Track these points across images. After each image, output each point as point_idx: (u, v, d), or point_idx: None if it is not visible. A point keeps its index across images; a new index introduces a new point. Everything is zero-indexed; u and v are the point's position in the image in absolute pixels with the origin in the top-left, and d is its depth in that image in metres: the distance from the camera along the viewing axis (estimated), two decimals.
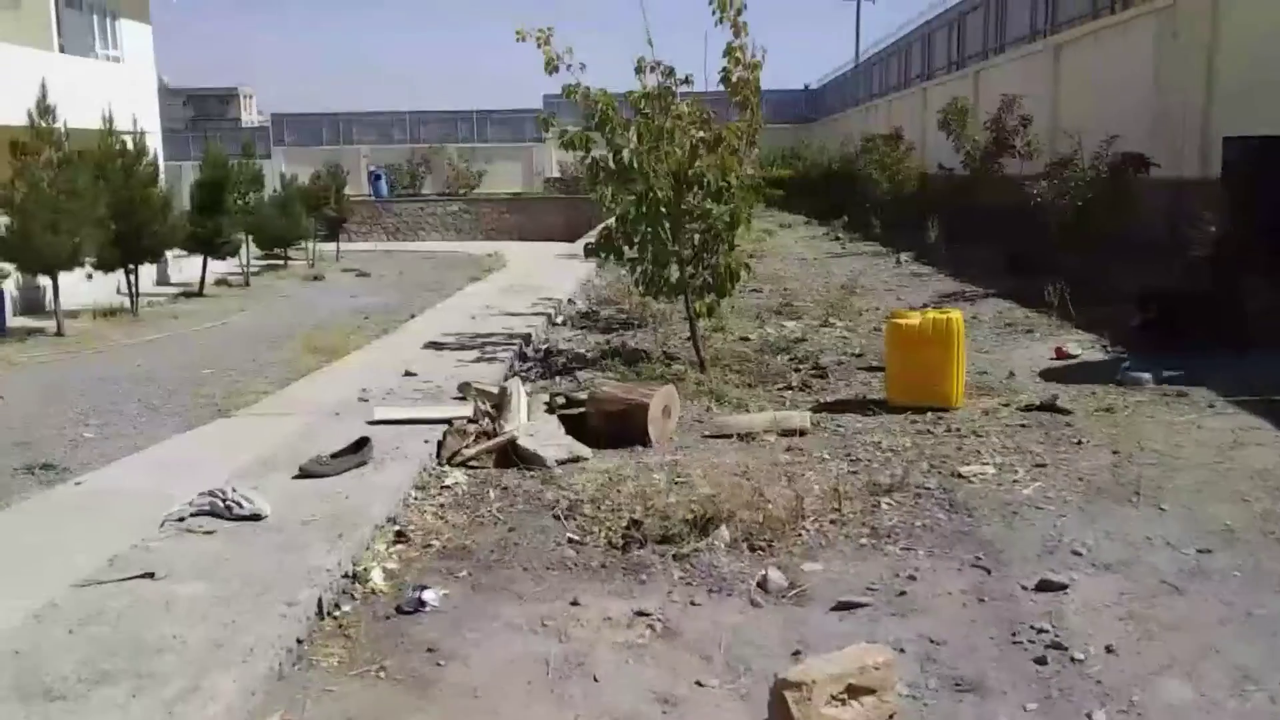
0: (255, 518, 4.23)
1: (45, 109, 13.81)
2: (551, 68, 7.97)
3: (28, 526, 4.51)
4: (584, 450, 5.50)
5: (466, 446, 5.50)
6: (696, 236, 7.88)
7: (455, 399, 6.53)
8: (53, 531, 4.36)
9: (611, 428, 5.85)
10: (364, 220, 36.35)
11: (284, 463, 5.10)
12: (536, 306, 11.08)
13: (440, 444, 5.55)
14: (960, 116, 16.63)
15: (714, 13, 8.01)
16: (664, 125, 7.72)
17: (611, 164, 7.62)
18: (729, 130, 7.86)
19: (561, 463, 5.36)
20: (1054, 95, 19.92)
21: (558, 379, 7.73)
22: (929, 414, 6.22)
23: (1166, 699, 3.04)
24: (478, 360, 7.90)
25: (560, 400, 6.12)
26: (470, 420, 5.94)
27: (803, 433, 5.93)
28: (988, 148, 15.80)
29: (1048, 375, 7.27)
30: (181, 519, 4.23)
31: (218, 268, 20.14)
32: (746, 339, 9.01)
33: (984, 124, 15.97)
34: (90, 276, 14.67)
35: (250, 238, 21.53)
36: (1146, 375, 6.81)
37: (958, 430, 5.83)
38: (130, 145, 16.26)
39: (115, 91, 19.21)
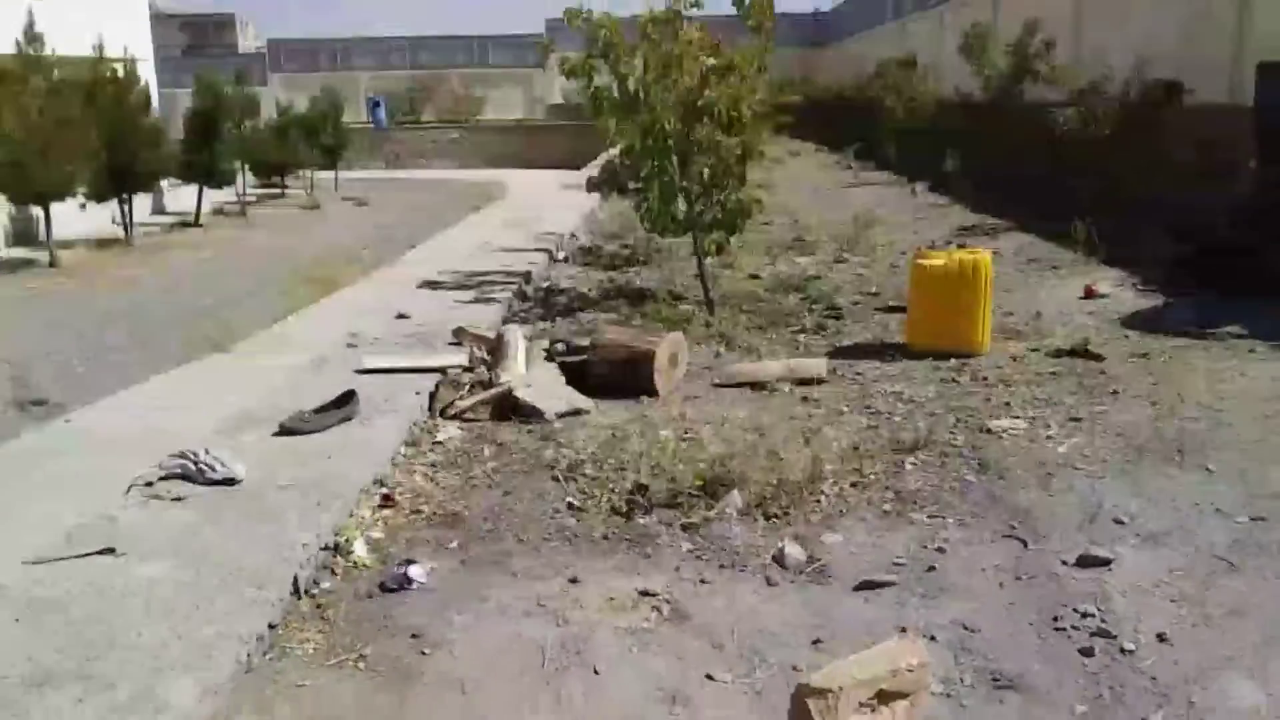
0: (229, 482, 3.91)
1: (33, 36, 13.39)
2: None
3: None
4: (585, 402, 5.16)
5: (461, 398, 5.17)
6: (705, 171, 7.43)
7: (450, 344, 6.18)
8: (19, 485, 4.06)
9: (615, 377, 5.50)
10: (363, 148, 35.45)
11: (265, 416, 4.76)
12: (538, 242, 10.66)
13: (433, 395, 5.22)
14: (981, 42, 15.92)
15: None
16: (672, 51, 7.24)
17: (616, 93, 7.15)
18: (741, 56, 7.38)
19: (561, 416, 5.02)
20: (1077, 14, 19.16)
21: (559, 321, 7.36)
22: (953, 360, 5.85)
23: (1232, 701, 2.72)
24: (474, 301, 7.53)
25: (560, 347, 5.76)
26: (465, 369, 5.60)
27: (819, 381, 5.58)
28: (1010, 73, 15.14)
29: (1077, 315, 6.88)
30: (150, 484, 3.91)
31: (214, 197, 19.70)
32: (757, 276, 8.61)
33: (1005, 48, 15.28)
34: (84, 206, 14.35)
35: (246, 166, 21.14)
36: (1184, 317, 6.42)
37: (985, 379, 5.47)
38: (121, 73, 15.87)
39: (106, 18, 18.60)
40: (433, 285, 8.16)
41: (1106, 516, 3.79)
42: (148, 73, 19.63)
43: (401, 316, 6.95)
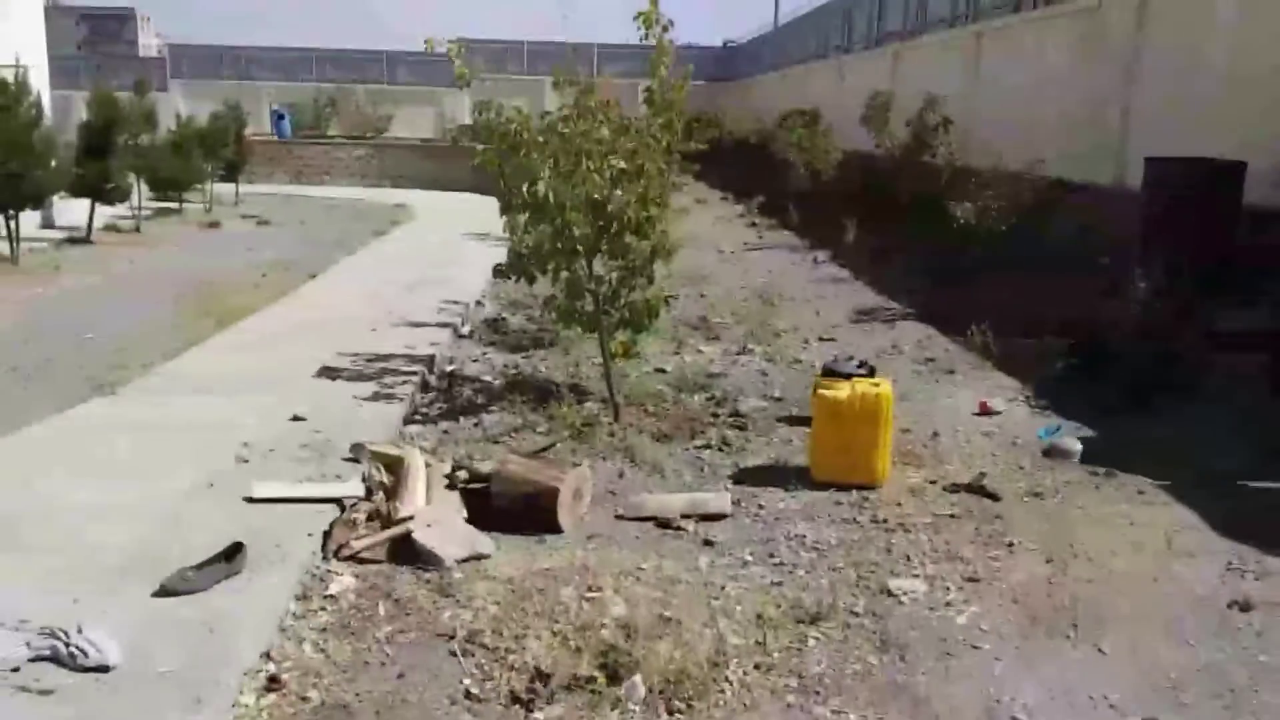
0: (102, 669, 3.67)
1: None
2: (464, 81, 7.37)
3: None
4: (486, 545, 5.03)
5: (357, 538, 4.99)
6: (615, 274, 7.39)
7: (346, 459, 5.99)
8: None
9: (518, 510, 5.39)
10: (266, 161, 34.83)
11: (143, 563, 4.51)
12: (442, 311, 10.47)
13: (326, 534, 5.02)
14: (881, 113, 16.33)
15: (639, 28, 7.51)
16: (582, 147, 7.19)
17: (525, 194, 7.05)
18: (652, 159, 7.36)
19: (461, 562, 4.88)
20: (974, 84, 19.78)
21: (462, 420, 7.22)
22: (854, 493, 5.90)
23: None
24: (375, 397, 7.32)
25: (463, 476, 5.62)
26: (364, 497, 5.42)
27: (721, 516, 5.56)
28: (908, 144, 15.55)
29: (973, 437, 7.02)
30: (16, 669, 3.65)
31: (107, 211, 19.03)
32: (663, 370, 8.59)
33: (905, 122, 15.69)
34: None
35: (142, 180, 20.39)
36: (1075, 447, 6.60)
37: (884, 522, 5.52)
38: (11, 82, 15.15)
39: None
40: (331, 374, 7.91)
41: (1005, 711, 3.83)
42: (40, 79, 18.81)
43: (298, 418, 6.71)
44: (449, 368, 8.64)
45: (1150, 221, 11.48)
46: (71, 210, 19.14)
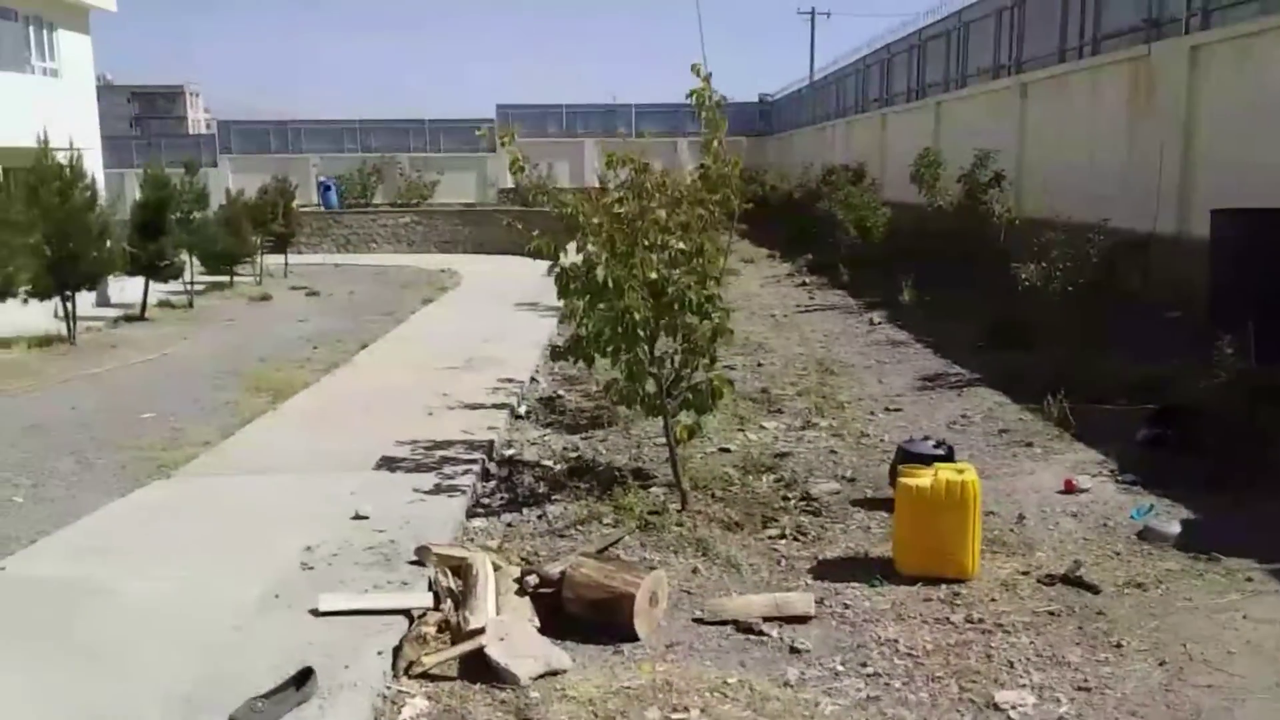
0: None
1: None
2: (517, 168, 7.29)
3: None
4: (562, 660, 4.79)
5: (428, 653, 4.78)
6: (678, 356, 7.20)
7: (412, 562, 5.79)
8: None
9: (592, 616, 5.17)
10: (314, 231, 35.51)
11: (212, 694, 4.33)
12: (497, 391, 10.33)
13: (397, 650, 4.82)
14: (932, 170, 16.13)
15: (693, 106, 7.39)
16: (640, 227, 7.05)
17: (584, 277, 6.91)
18: (710, 238, 7.21)
19: (537, 679, 4.65)
20: (1020, 134, 19.57)
21: (524, 512, 7.02)
22: (944, 588, 5.60)
23: None
24: (436, 490, 7.14)
25: (533, 580, 5.40)
26: (432, 606, 5.22)
27: (805, 618, 5.29)
28: (961, 201, 15.32)
29: (1061, 519, 6.68)
30: None
31: (160, 288, 19.36)
32: (727, 449, 8.35)
33: (958, 178, 15.47)
34: (25, 302, 13.91)
35: (194, 256, 20.69)
36: (1172, 530, 6.26)
37: (981, 622, 5.20)
38: (67, 166, 15.45)
39: (52, 106, 18.25)
40: (391, 465, 7.75)
41: None
42: (94, 160, 19.25)
43: (359, 518, 6.54)
44: (508, 452, 8.47)
45: (1221, 276, 11.14)
46: (126, 288, 19.46)
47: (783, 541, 6.42)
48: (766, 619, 5.25)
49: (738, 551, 6.22)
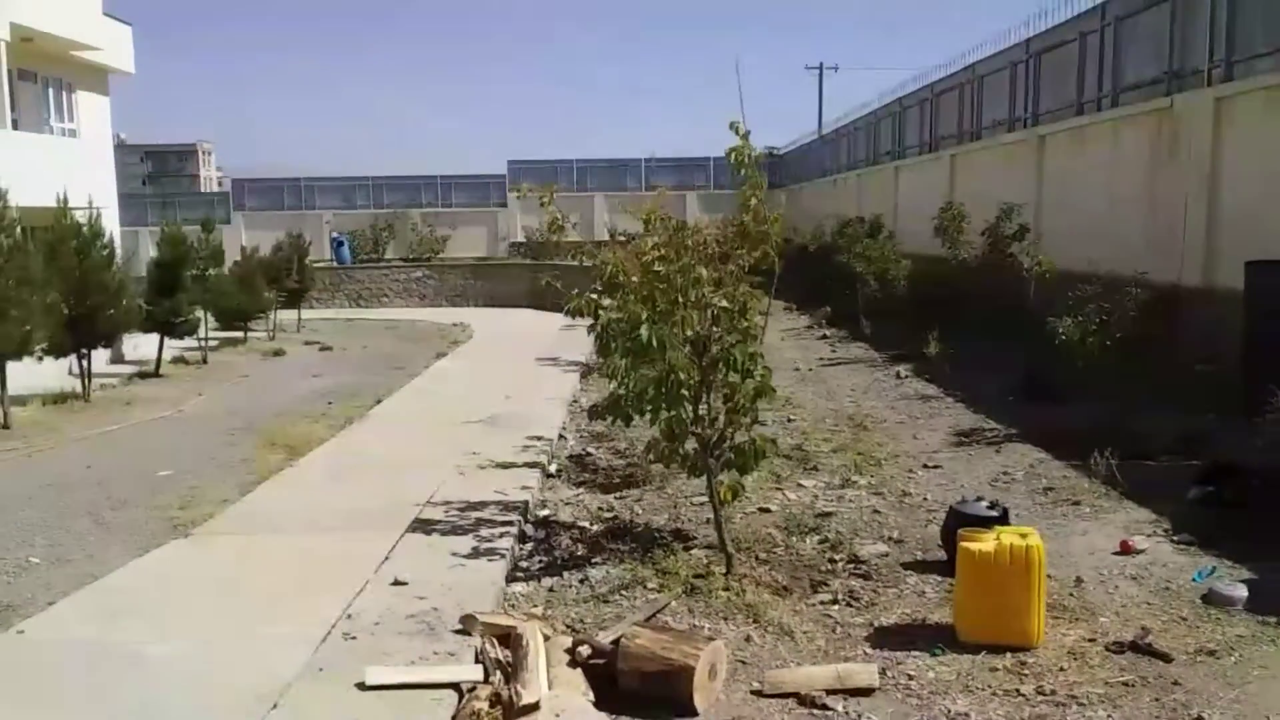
0: None
1: None
2: (556, 227, 7.22)
3: None
4: None
5: None
6: (721, 416, 7.06)
7: (457, 630, 5.62)
8: None
9: (648, 689, 4.98)
10: (326, 287, 35.74)
11: None
12: (527, 449, 10.18)
13: None
14: (956, 223, 16.08)
15: (730, 163, 7.34)
16: (681, 284, 6.96)
17: (626, 335, 6.80)
18: (752, 296, 7.12)
19: None
20: (1038, 187, 19.51)
21: (565, 575, 6.84)
22: (1008, 655, 5.40)
23: None
24: (474, 554, 6.97)
25: (585, 652, 5.21)
26: (482, 680, 5.03)
27: (869, 690, 5.09)
28: (985, 254, 15.24)
29: (1120, 582, 6.48)
30: None
31: (175, 344, 19.42)
32: (767, 509, 8.18)
33: (981, 231, 15.41)
34: (40, 360, 13.89)
35: (209, 312, 20.76)
36: (1238, 593, 6.05)
37: (1053, 694, 5.00)
38: (85, 225, 15.54)
39: (71, 167, 18.38)
40: (426, 528, 7.58)
41: None
42: (111, 219, 19.37)
43: (398, 583, 6.37)
44: (543, 513, 8.31)
45: (1256, 328, 11.01)
46: (140, 345, 19.45)
47: (835, 607, 6.22)
48: (829, 691, 5.05)
49: (790, 618, 6.03)
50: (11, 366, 13.11)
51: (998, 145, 22.75)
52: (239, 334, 23.66)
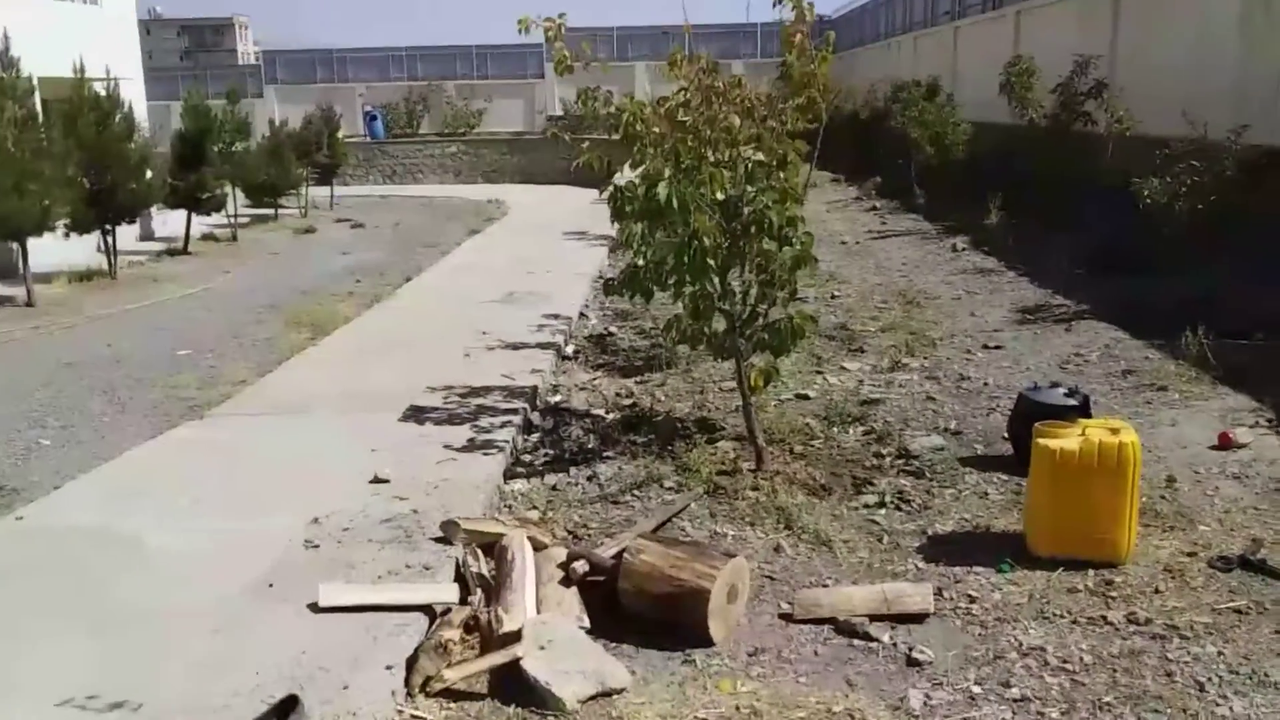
0: None
1: (9, 61, 12.68)
2: (563, 68, 6.12)
3: None
4: (619, 676, 3.79)
5: (450, 665, 3.80)
6: (754, 289, 6.07)
7: (436, 538, 4.82)
8: None
9: (655, 614, 4.16)
10: (360, 162, 34.89)
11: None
12: (542, 328, 9.29)
13: (411, 661, 3.84)
14: (1024, 79, 14.57)
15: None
16: (708, 137, 5.91)
17: (642, 196, 5.78)
18: (794, 148, 6.03)
19: (587, 701, 3.67)
20: (1112, 46, 17.80)
21: (572, 472, 6.01)
22: (1091, 573, 4.50)
23: None
24: (468, 447, 6.14)
25: (582, 567, 4.38)
26: (459, 601, 4.24)
27: (923, 615, 4.23)
28: (1057, 114, 13.80)
29: (1220, 482, 5.51)
30: None
31: (205, 221, 18.94)
32: (805, 396, 7.25)
33: (1051, 89, 13.93)
34: (67, 236, 13.41)
35: (238, 188, 20.10)
36: None
37: (1148, 622, 4.09)
38: (104, 96, 14.79)
39: (91, 35, 17.44)
40: (418, 416, 6.76)
41: None
42: (135, 91, 18.54)
43: (378, 480, 5.57)
44: (554, 399, 7.46)
45: None
46: (169, 222, 18.92)
47: (882, 511, 5.34)
48: (873, 617, 4.19)
49: (828, 524, 5.16)
50: (40, 244, 12.83)
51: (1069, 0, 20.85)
52: (270, 211, 23.02)
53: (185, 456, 6.32)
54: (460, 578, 4.45)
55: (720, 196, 5.82)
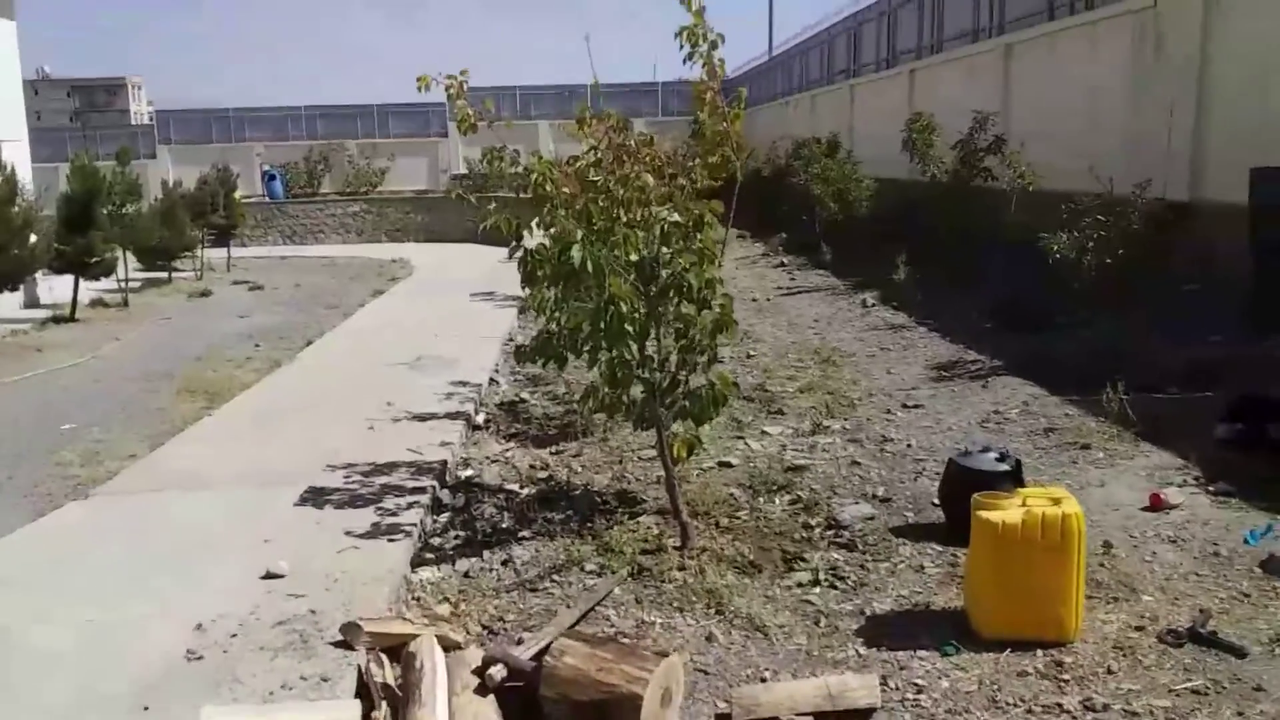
0: None
1: None
2: (467, 125, 5.80)
3: None
4: None
5: None
6: (673, 356, 5.80)
7: (337, 642, 4.36)
8: None
9: None
10: (259, 223, 33.97)
11: None
12: (451, 397, 8.87)
13: None
14: (925, 135, 14.79)
15: (681, 47, 5.97)
16: (623, 197, 5.65)
17: (555, 260, 5.48)
18: (710, 208, 5.82)
19: None
20: (1005, 101, 18.28)
21: (485, 555, 5.60)
22: (1039, 653, 4.27)
23: None
24: (372, 532, 5.68)
25: (499, 674, 3.97)
26: (361, 717, 3.79)
27: (870, 711, 3.93)
28: (957, 170, 14.01)
29: (1157, 546, 5.37)
30: None
31: (94, 286, 18.00)
32: (728, 464, 6.97)
33: (951, 145, 14.15)
34: None
35: (129, 252, 19.23)
36: None
37: (1105, 708, 3.86)
38: None
39: None
40: (318, 499, 6.26)
41: None
42: (20, 153, 17.68)
43: (272, 576, 5.08)
44: (465, 474, 7.05)
45: (1267, 241, 9.94)
46: (54, 289, 18.02)
47: (816, 590, 5.05)
48: (818, 715, 3.87)
49: (761, 606, 4.85)
50: None
51: (961, 58, 21.44)
52: (164, 274, 22.15)
53: (64, 543, 5.79)
54: (363, 689, 4.01)
55: (634, 258, 5.57)
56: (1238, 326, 9.63)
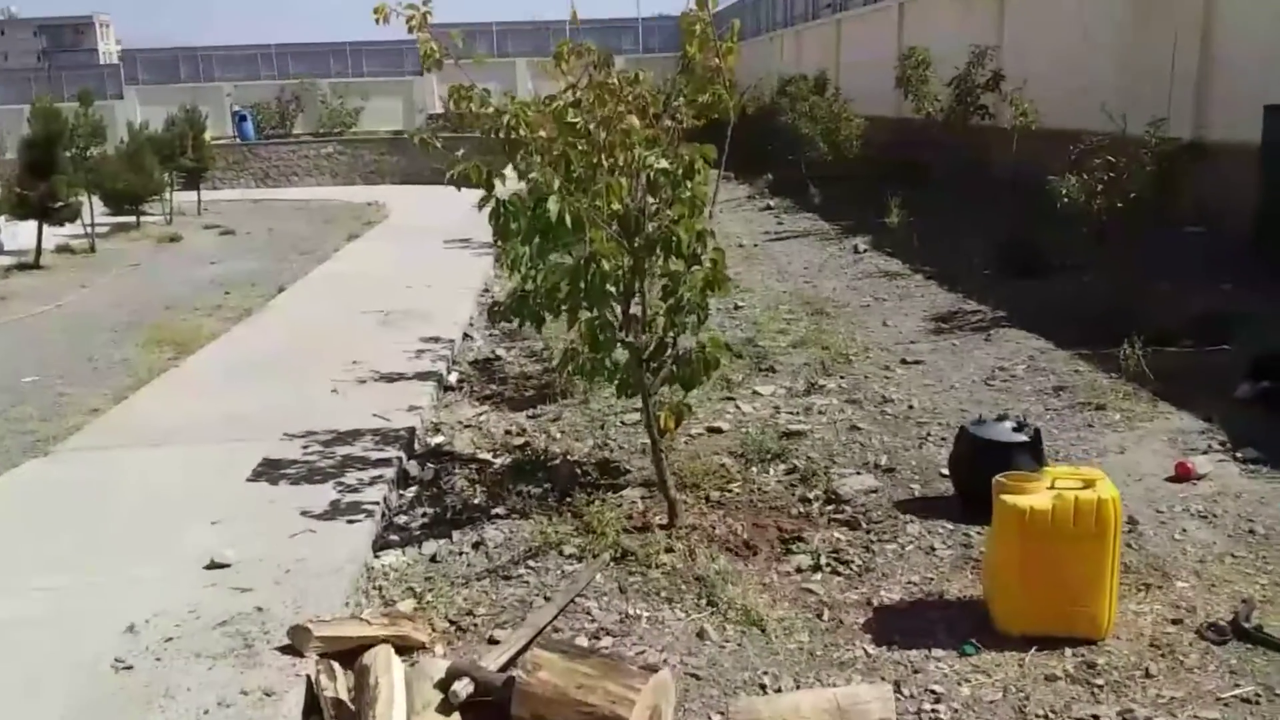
0: None
1: None
2: (431, 62, 5.21)
3: None
4: None
5: None
6: (660, 317, 5.28)
7: (283, 648, 3.88)
8: None
9: None
10: (229, 165, 32.97)
11: None
12: (422, 355, 8.33)
13: None
14: (920, 72, 14.16)
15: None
16: (605, 141, 5.08)
17: (530, 212, 4.93)
18: (702, 153, 5.25)
19: None
20: (999, 36, 17.61)
21: (455, 537, 5.13)
22: (1068, 653, 3.84)
23: None
24: (330, 512, 5.19)
25: (464, 689, 3.51)
26: None
27: None
28: (953, 107, 13.42)
29: (1186, 522, 4.93)
30: None
31: (59, 232, 17.35)
32: (718, 430, 6.49)
33: (946, 82, 13.54)
34: None
35: (95, 197, 18.52)
36: None
37: None
38: None
39: None
40: (273, 473, 5.75)
41: None
42: None
43: (215, 566, 4.59)
44: (435, 441, 6.55)
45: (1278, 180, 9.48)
46: (19, 236, 17.40)
47: (817, 577, 4.60)
48: None
49: (757, 596, 4.40)
50: None
51: None
52: (132, 219, 21.39)
53: (13, 505, 5.54)
54: (313, 706, 3.54)
55: (618, 209, 5.02)
56: (1247, 272, 9.20)
